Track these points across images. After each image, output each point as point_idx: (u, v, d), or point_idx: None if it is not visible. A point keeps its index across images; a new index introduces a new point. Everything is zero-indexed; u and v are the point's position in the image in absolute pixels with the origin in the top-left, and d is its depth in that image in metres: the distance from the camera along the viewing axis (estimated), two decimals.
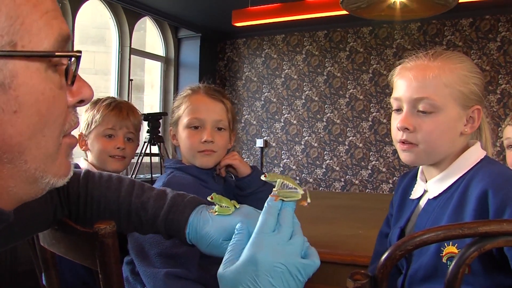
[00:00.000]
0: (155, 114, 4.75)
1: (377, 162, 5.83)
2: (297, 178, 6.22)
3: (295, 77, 6.34)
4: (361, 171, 5.93)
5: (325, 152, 6.14)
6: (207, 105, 1.39)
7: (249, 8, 4.53)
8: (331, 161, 6.09)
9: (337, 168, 6.06)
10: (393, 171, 5.74)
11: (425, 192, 1.13)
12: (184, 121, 1.39)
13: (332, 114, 6.11)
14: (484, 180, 0.97)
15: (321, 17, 4.42)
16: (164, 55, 6.41)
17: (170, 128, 1.47)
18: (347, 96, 6.03)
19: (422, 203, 1.13)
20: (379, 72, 5.85)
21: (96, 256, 0.84)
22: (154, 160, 5.15)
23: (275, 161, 6.42)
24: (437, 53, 1.09)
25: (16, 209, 0.55)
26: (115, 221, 0.85)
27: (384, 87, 5.78)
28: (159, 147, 4.90)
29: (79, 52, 0.51)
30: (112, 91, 5.51)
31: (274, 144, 6.45)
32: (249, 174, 1.40)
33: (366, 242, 1.55)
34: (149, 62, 6.36)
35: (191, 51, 6.44)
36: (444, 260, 0.97)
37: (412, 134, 1.07)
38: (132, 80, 5.60)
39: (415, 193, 1.16)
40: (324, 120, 6.15)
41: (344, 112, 6.04)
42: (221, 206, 0.77)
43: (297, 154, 6.29)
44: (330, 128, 6.11)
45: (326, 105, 6.15)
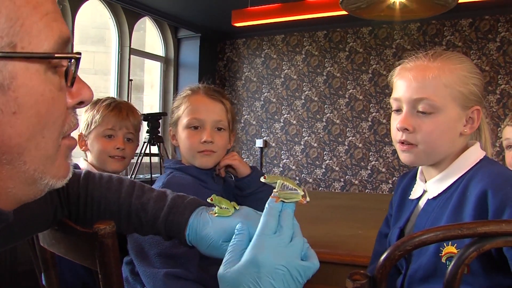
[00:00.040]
0: (154, 114, 4.74)
1: (377, 162, 5.83)
2: (297, 178, 6.21)
3: (295, 77, 6.34)
4: (360, 171, 5.93)
5: (325, 152, 6.14)
6: (206, 105, 1.39)
7: (249, 8, 4.53)
8: (331, 161, 6.10)
9: (337, 168, 6.06)
10: (393, 171, 5.74)
11: (425, 192, 1.13)
12: (184, 121, 1.39)
13: (331, 114, 6.11)
14: (484, 181, 0.98)
15: (321, 17, 4.42)
16: (163, 55, 6.40)
17: (170, 128, 1.47)
18: (346, 96, 6.03)
19: (421, 203, 1.13)
20: (378, 72, 5.86)
21: (96, 256, 0.84)
22: (153, 160, 5.15)
23: (275, 161, 6.42)
24: (437, 54, 1.09)
25: (16, 209, 0.55)
26: (115, 222, 0.85)
27: (384, 87, 5.78)
28: (158, 147, 4.90)
29: (79, 53, 0.51)
30: (112, 91, 5.51)
31: (273, 144, 6.45)
32: (249, 175, 1.40)
33: (366, 242, 1.55)
34: (148, 62, 6.35)
35: (191, 51, 6.44)
36: (443, 260, 0.97)
37: (412, 134, 1.07)
38: (131, 80, 5.60)
39: (414, 193, 1.16)
40: (324, 120, 6.15)
41: (344, 112, 6.04)
42: (220, 208, 0.77)
43: (297, 154, 6.29)
44: (330, 128, 6.11)
45: (325, 105, 6.15)
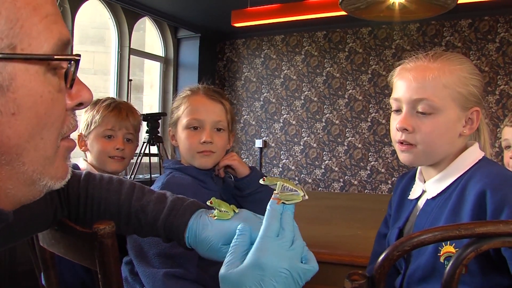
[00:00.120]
0: (154, 115, 4.74)
1: (376, 162, 5.84)
2: (296, 179, 6.22)
3: (294, 77, 6.34)
4: (360, 172, 5.93)
5: (324, 153, 6.14)
6: (206, 106, 1.39)
7: (249, 8, 4.54)
8: (330, 161, 6.10)
9: (336, 169, 6.06)
10: (392, 172, 5.74)
11: (424, 192, 1.13)
12: (183, 121, 1.39)
13: (331, 115, 6.11)
14: (482, 181, 0.98)
15: (320, 17, 4.43)
16: (163, 55, 6.40)
17: (169, 128, 1.47)
18: (346, 96, 6.04)
19: (420, 204, 1.13)
20: (378, 73, 5.86)
21: (96, 256, 0.84)
22: (153, 160, 5.15)
23: (274, 161, 6.42)
24: (437, 54, 1.09)
25: (16, 209, 0.55)
26: (115, 223, 0.85)
27: (383, 88, 5.79)
28: (158, 148, 4.90)
29: (78, 55, 0.51)
30: (111, 91, 5.51)
31: (273, 145, 6.45)
32: (248, 175, 1.41)
33: (365, 242, 1.55)
34: (148, 62, 6.36)
35: (191, 52, 6.44)
36: (441, 260, 0.98)
37: (411, 134, 1.07)
38: (131, 80, 5.61)
39: (413, 194, 1.16)
40: (323, 120, 6.15)
41: (343, 112, 6.04)
42: (220, 211, 0.77)
43: (296, 154, 6.30)
44: (329, 129, 6.11)
45: (325, 106, 6.15)
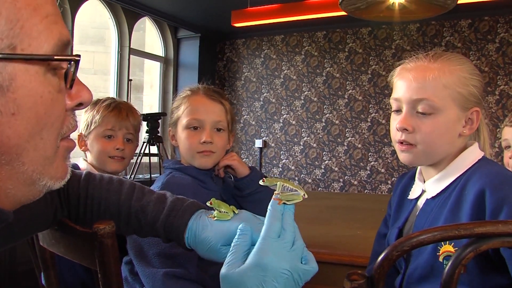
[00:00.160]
0: (154, 114, 4.74)
1: (376, 162, 5.84)
2: (296, 179, 6.22)
3: (294, 77, 6.34)
4: (359, 172, 5.93)
5: (324, 153, 6.14)
6: (206, 106, 1.39)
7: (249, 8, 4.54)
8: (330, 161, 6.10)
9: (336, 169, 6.06)
10: (392, 172, 5.74)
11: (423, 192, 1.14)
12: (183, 121, 1.39)
13: (331, 115, 6.11)
14: (482, 180, 0.98)
15: (320, 17, 4.43)
16: (163, 55, 6.40)
17: (169, 128, 1.47)
18: (346, 96, 6.04)
19: (420, 203, 1.13)
20: (378, 73, 5.86)
21: (95, 256, 0.84)
22: (153, 160, 5.15)
23: (274, 161, 6.42)
24: (437, 55, 1.09)
25: (16, 209, 0.55)
26: (115, 224, 0.85)
27: (383, 88, 5.79)
28: (158, 147, 4.90)
29: (78, 56, 0.51)
30: (111, 91, 5.51)
31: (273, 145, 6.45)
32: (248, 175, 1.41)
33: (365, 242, 1.55)
34: (148, 62, 6.36)
35: (190, 52, 6.44)
36: (440, 259, 0.98)
37: (411, 135, 1.07)
38: (131, 80, 5.61)
39: (413, 193, 1.16)
40: (323, 120, 6.15)
41: (343, 112, 6.04)
42: (220, 212, 0.77)
43: (296, 154, 6.30)
44: (329, 129, 6.11)
45: (325, 106, 6.15)
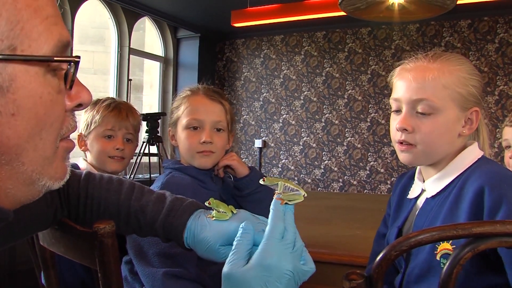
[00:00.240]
0: (154, 114, 4.75)
1: (375, 163, 5.84)
2: (296, 179, 6.22)
3: (294, 77, 6.34)
4: (359, 172, 5.94)
5: (324, 153, 6.14)
6: (206, 106, 1.40)
7: (248, 8, 4.54)
8: (330, 161, 6.10)
9: (336, 169, 6.07)
10: (391, 172, 5.74)
11: (423, 191, 1.14)
12: (183, 121, 1.39)
13: (330, 115, 6.11)
14: (481, 178, 0.98)
15: (320, 18, 4.43)
16: (163, 55, 6.41)
17: (169, 128, 1.47)
18: (345, 96, 6.04)
19: (419, 203, 1.13)
20: (377, 73, 5.86)
21: (96, 256, 0.84)
22: (152, 160, 5.15)
23: (274, 161, 6.43)
24: (437, 55, 1.10)
25: (16, 209, 0.56)
26: (115, 223, 0.85)
27: (383, 88, 5.79)
28: (157, 147, 4.90)
29: (78, 57, 0.52)
30: (111, 91, 5.51)
31: (272, 145, 6.45)
32: (247, 175, 1.41)
33: (364, 242, 1.55)
34: (148, 62, 6.36)
35: (190, 51, 6.44)
36: (437, 257, 0.98)
37: (411, 135, 1.08)
38: (131, 80, 5.61)
39: (412, 193, 1.17)
40: (323, 120, 6.16)
41: (343, 113, 6.04)
42: (218, 211, 0.77)
43: (296, 154, 6.30)
44: (329, 129, 6.12)
45: (324, 106, 6.16)
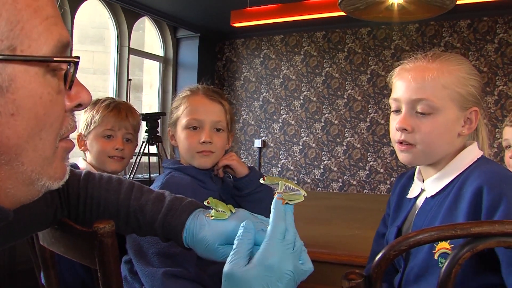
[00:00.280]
0: (153, 114, 4.74)
1: (375, 162, 5.84)
2: (295, 179, 6.22)
3: (294, 77, 6.34)
4: (358, 172, 5.94)
5: (323, 153, 6.15)
6: (205, 106, 1.40)
7: (248, 8, 4.54)
8: (329, 161, 6.10)
9: (335, 169, 6.07)
10: (391, 172, 5.75)
11: (422, 191, 1.14)
12: (183, 121, 1.39)
13: (330, 115, 6.12)
14: (480, 178, 0.99)
15: (320, 18, 4.44)
16: (162, 55, 6.41)
17: (169, 128, 1.47)
18: (345, 96, 6.04)
19: (419, 202, 1.14)
20: (377, 73, 5.87)
21: (95, 255, 0.84)
22: (152, 160, 5.15)
23: (273, 161, 6.43)
24: (436, 55, 1.10)
25: (16, 209, 0.56)
26: (114, 223, 0.85)
27: (382, 88, 5.79)
28: (157, 147, 4.90)
29: (77, 57, 0.52)
30: (111, 91, 5.51)
31: (272, 145, 6.45)
32: (247, 175, 1.41)
33: (364, 242, 1.55)
34: (147, 62, 6.36)
35: (190, 51, 6.44)
36: (435, 256, 0.98)
37: (411, 134, 1.08)
38: (130, 80, 5.61)
39: (412, 193, 1.17)
40: (322, 120, 6.16)
41: (342, 112, 6.05)
42: (217, 211, 0.78)
43: (295, 154, 6.30)
44: (328, 129, 6.12)
45: (324, 106, 6.16)
